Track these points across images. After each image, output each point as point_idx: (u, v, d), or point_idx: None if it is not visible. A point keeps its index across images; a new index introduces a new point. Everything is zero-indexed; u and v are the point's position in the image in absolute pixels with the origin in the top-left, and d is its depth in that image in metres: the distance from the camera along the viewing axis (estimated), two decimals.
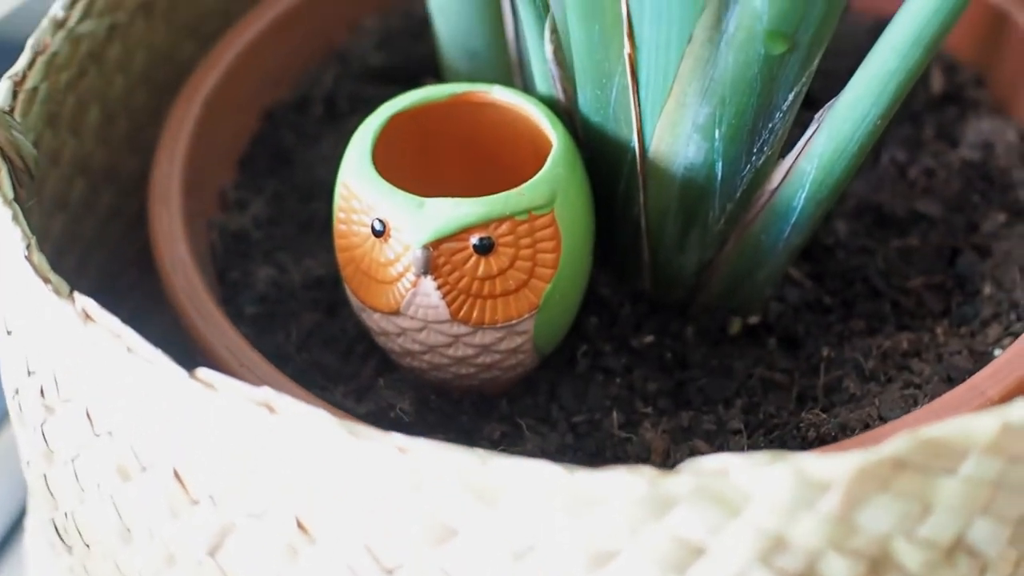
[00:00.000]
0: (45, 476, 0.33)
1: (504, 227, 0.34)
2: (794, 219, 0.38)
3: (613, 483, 0.26)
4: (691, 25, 0.33)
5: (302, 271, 0.43)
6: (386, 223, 0.34)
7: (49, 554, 0.37)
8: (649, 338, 0.40)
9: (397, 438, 0.27)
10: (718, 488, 0.26)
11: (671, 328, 0.41)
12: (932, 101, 0.50)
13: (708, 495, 0.26)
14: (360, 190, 0.35)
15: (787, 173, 0.37)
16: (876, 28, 0.39)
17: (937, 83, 0.50)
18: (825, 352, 0.40)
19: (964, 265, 0.43)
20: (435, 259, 0.34)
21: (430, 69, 0.48)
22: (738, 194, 0.38)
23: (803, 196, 0.37)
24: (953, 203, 0.45)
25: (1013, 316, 0.41)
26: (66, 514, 0.33)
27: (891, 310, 0.42)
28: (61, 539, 0.34)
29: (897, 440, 0.26)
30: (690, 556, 0.26)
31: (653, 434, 0.37)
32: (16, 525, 0.52)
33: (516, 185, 0.35)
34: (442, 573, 0.27)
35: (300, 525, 0.28)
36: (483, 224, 0.34)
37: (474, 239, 0.34)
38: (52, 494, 0.33)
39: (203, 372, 0.28)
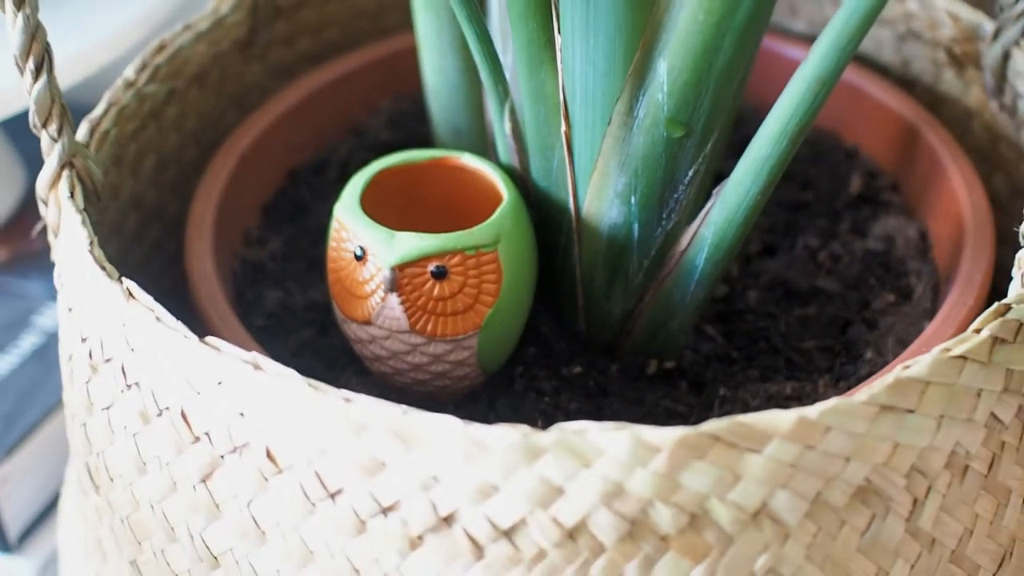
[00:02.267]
0: (85, 425, 0.43)
1: (456, 259, 0.44)
2: (697, 276, 0.47)
3: (497, 434, 0.35)
4: (610, 110, 0.43)
5: (305, 297, 0.52)
6: (365, 249, 0.44)
7: (80, 500, 0.46)
8: (578, 369, 0.49)
9: (344, 392, 0.36)
10: (576, 444, 0.35)
11: (598, 364, 0.50)
12: (850, 201, 0.59)
13: (568, 448, 0.35)
14: (348, 223, 0.44)
15: (692, 237, 0.46)
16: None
17: (856, 185, 0.59)
18: (721, 392, 0.49)
19: (853, 334, 0.52)
20: (400, 280, 0.43)
21: (431, 145, 0.58)
22: (653, 252, 0.47)
23: (703, 257, 0.46)
24: (851, 283, 0.54)
25: None
26: (98, 454, 0.42)
27: (784, 364, 0.50)
28: (91, 479, 0.43)
29: (715, 421, 0.35)
30: (552, 495, 0.35)
31: None
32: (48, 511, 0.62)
33: None
34: (371, 497, 0.36)
35: (270, 456, 0.37)
36: (439, 255, 0.43)
37: (431, 266, 0.43)
38: (89, 440, 0.43)
39: (210, 339, 0.38)
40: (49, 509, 0.61)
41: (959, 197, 0.53)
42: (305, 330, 0.51)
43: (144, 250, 0.56)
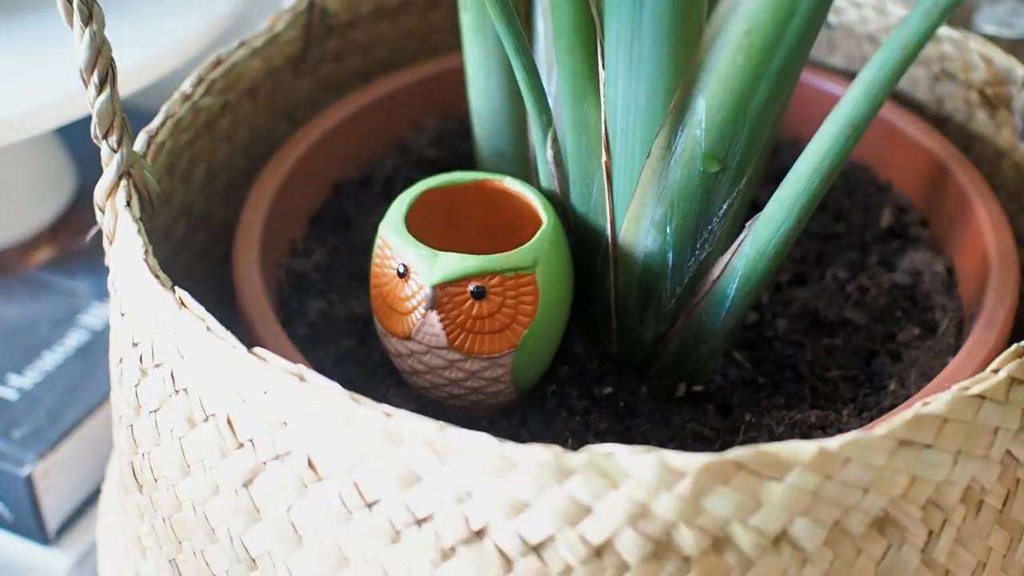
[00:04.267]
0: (131, 426, 0.44)
1: (495, 280, 0.45)
2: (728, 305, 0.48)
3: (530, 453, 0.36)
4: (650, 144, 0.44)
5: (346, 308, 0.54)
6: (408, 267, 0.45)
7: (121, 496, 0.48)
8: (608, 390, 0.51)
9: (385, 406, 0.37)
10: (605, 465, 0.36)
11: (628, 385, 0.51)
12: (880, 234, 0.60)
13: (597, 469, 0.36)
14: (392, 241, 0.46)
15: (724, 268, 0.47)
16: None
17: (886, 219, 0.60)
18: (747, 417, 0.50)
19: (877, 365, 0.53)
20: (440, 298, 0.45)
21: (472, 164, 0.60)
22: (686, 280, 0.48)
23: (734, 286, 0.47)
24: (878, 315, 0.55)
25: None
26: (143, 455, 0.44)
27: (809, 392, 0.52)
28: (135, 478, 0.45)
29: (739, 449, 0.36)
30: (581, 513, 0.36)
31: None
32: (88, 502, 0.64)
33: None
34: (406, 508, 0.37)
35: (311, 464, 0.38)
36: (479, 275, 0.45)
37: (471, 286, 0.45)
38: (135, 440, 0.44)
39: (258, 349, 0.39)
40: (88, 504, 0.63)
41: (985, 235, 0.54)
42: (346, 340, 0.52)
43: (191, 255, 0.57)
